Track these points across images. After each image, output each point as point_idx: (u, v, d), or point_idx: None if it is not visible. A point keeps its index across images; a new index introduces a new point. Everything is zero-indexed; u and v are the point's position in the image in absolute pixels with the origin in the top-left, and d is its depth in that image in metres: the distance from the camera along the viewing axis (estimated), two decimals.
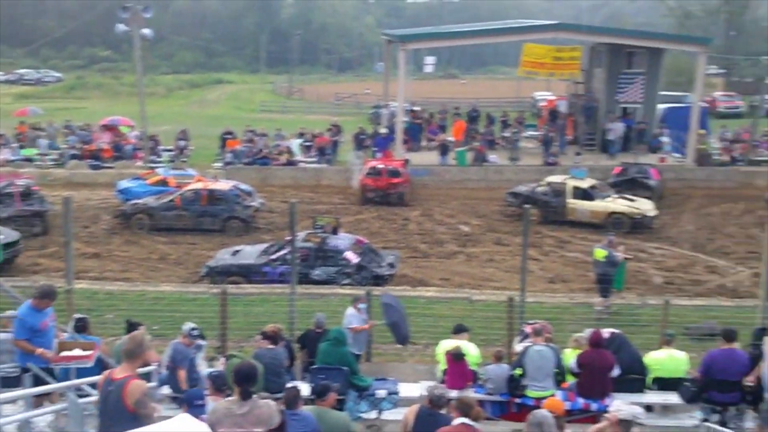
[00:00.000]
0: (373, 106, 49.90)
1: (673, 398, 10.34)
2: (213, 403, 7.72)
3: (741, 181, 30.42)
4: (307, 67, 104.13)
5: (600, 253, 16.16)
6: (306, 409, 7.52)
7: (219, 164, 31.95)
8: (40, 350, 8.79)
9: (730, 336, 9.95)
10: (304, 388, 9.63)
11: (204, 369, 10.38)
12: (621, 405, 7.26)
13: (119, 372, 6.59)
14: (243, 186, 25.52)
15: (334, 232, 18.31)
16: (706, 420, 9.47)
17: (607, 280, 16.03)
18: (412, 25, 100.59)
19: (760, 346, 9.86)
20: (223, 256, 18.67)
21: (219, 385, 7.84)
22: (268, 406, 6.47)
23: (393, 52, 38.49)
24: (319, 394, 7.77)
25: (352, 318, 11.93)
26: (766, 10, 76.48)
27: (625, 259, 16.78)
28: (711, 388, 9.73)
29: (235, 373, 6.57)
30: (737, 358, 9.70)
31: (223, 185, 24.71)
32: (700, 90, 33.35)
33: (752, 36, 74.60)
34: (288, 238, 14.97)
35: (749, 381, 9.69)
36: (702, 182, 30.45)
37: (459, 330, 11.07)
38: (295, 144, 33.68)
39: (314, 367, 10.44)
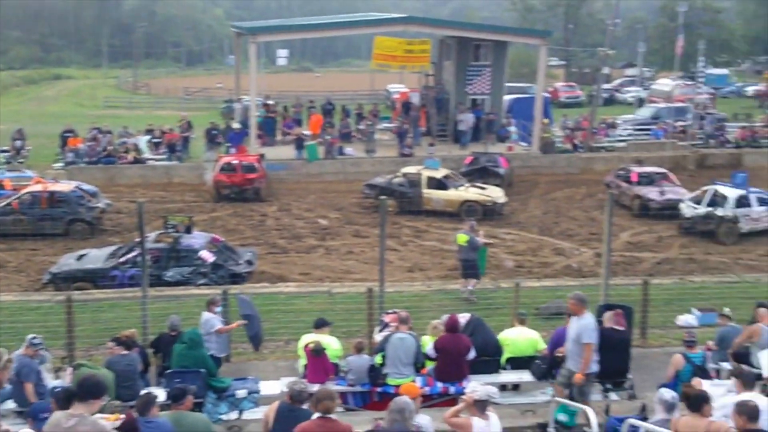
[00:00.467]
0: (226, 100, 48.88)
1: (525, 376, 10.72)
2: None
3: (582, 167, 32.16)
4: (153, 61, 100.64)
5: (462, 238, 16.63)
6: (163, 415, 7.26)
7: (60, 164, 30.21)
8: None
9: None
10: (160, 394, 9.30)
11: (50, 381, 9.81)
12: (476, 386, 7.46)
13: None
14: (86, 186, 24.29)
15: (188, 231, 17.73)
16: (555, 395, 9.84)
17: (470, 264, 16.52)
18: (262, 17, 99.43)
19: (602, 322, 10.39)
20: (68, 261, 17.68)
21: (60, 399, 7.43)
22: (94, 424, 6.16)
23: (244, 45, 37.81)
24: (175, 398, 7.53)
25: (213, 321, 11.54)
26: (602, 4, 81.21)
27: (485, 244, 17.28)
28: (559, 364, 10.14)
29: (78, 387, 6.18)
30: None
31: (65, 186, 23.40)
32: (542, 81, 34.92)
33: (589, 29, 79.10)
34: (138, 239, 14.32)
35: (559, 352, 10.18)
36: (547, 169, 31.94)
37: (320, 324, 11.00)
38: (142, 141, 32.42)
39: (169, 371, 10.06)
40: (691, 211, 22.85)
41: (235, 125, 33.33)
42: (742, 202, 22.38)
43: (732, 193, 22.64)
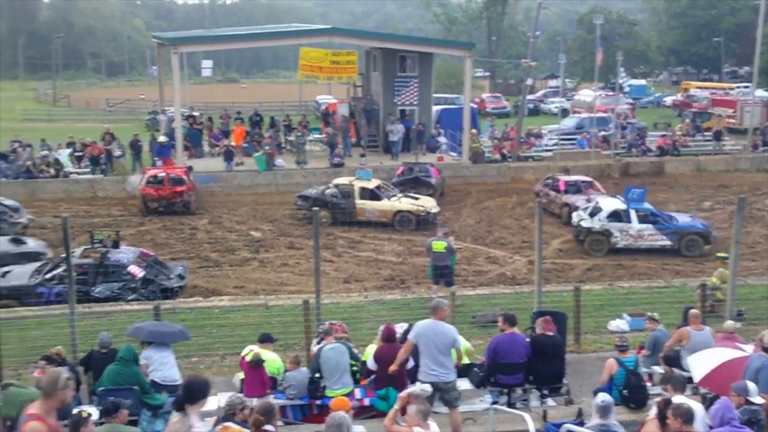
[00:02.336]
0: (150, 112, 47.98)
1: (464, 384, 10.77)
2: None
3: (512, 176, 32.70)
4: (72, 73, 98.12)
5: (440, 245, 16.77)
6: (96, 430, 7.06)
7: None
8: None
9: (511, 321, 10.55)
10: (93, 412, 9.02)
11: None
12: (410, 386, 7.50)
13: (32, 407, 6.18)
14: (7, 201, 23.41)
15: (115, 245, 17.25)
16: (495, 402, 9.93)
17: (448, 271, 16.87)
18: (184, 27, 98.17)
19: (535, 329, 10.58)
20: None
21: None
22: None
23: (166, 56, 37.16)
24: (107, 411, 7.49)
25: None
26: (523, 16, 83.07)
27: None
28: (497, 371, 10.24)
29: (185, 390, 6.31)
30: (518, 341, 10.28)
31: None
32: (468, 92, 35.42)
33: (512, 40, 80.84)
34: (63, 255, 13.85)
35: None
36: (477, 178, 32.37)
37: (264, 339, 10.82)
38: (64, 155, 31.45)
39: (102, 389, 9.74)
40: (576, 220, 23.04)
41: (161, 138, 32.67)
42: (618, 216, 22.01)
43: (608, 205, 22.59)
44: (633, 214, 21.99)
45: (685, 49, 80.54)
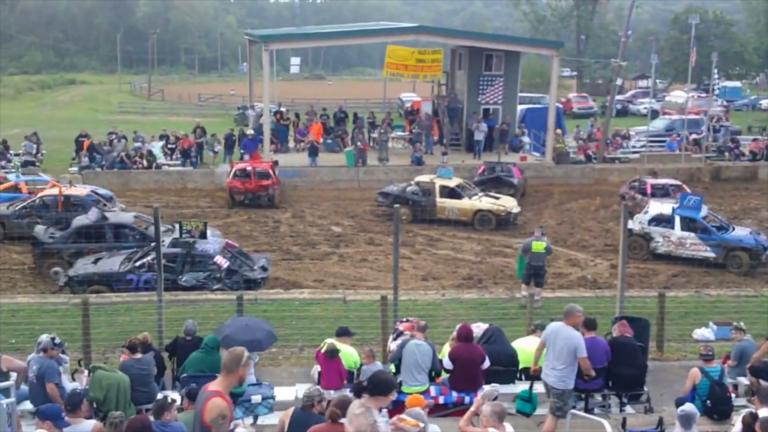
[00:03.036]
0: (239, 107, 49.08)
1: (539, 387, 10.66)
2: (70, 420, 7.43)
3: (596, 178, 32.04)
4: (166, 68, 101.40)
5: (539, 245, 16.61)
6: (180, 416, 7.33)
7: (75, 169, 30.36)
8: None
9: (590, 325, 10.39)
10: (176, 398, 9.34)
11: (67, 384, 9.84)
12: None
13: (213, 384, 6.32)
14: (102, 191, 24.39)
15: (203, 236, 17.75)
16: (573, 407, 9.80)
17: (543, 272, 16.72)
18: (275, 24, 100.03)
19: (612, 334, 10.38)
20: (84, 265, 17.72)
21: (74, 403, 7.52)
22: (374, 423, 6.14)
23: (257, 53, 38.01)
24: (193, 398, 7.61)
25: None
26: (614, 15, 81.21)
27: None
28: (576, 375, 10.09)
29: (369, 382, 6.40)
30: (599, 345, 10.11)
31: (80, 191, 23.48)
32: (555, 91, 34.87)
33: (601, 40, 79.11)
34: (153, 243, 14.38)
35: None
36: (560, 179, 31.87)
37: (342, 333, 11.00)
38: (157, 147, 32.56)
39: (185, 375, 10.07)
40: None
41: (249, 132, 33.46)
42: (663, 220, 21.23)
43: (654, 209, 21.83)
44: (677, 220, 21.02)
45: None
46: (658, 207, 21.97)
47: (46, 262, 19.09)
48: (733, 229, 21.49)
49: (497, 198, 25.29)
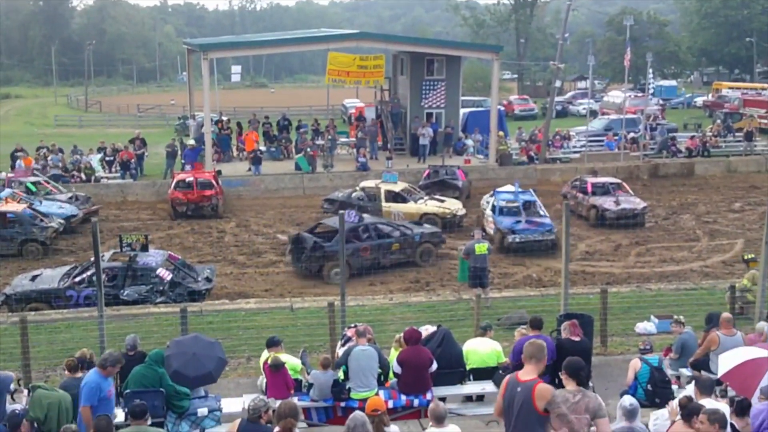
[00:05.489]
0: (180, 117, 48.44)
1: (489, 387, 10.73)
2: None
3: (539, 179, 32.49)
4: (103, 79, 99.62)
5: (482, 247, 16.73)
6: None
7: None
8: None
9: (536, 324, 10.50)
10: (119, 414, 9.12)
11: (7, 404, 9.50)
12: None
13: (522, 373, 6.77)
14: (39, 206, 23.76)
15: (144, 249, 17.42)
16: None
17: (485, 273, 16.81)
18: (214, 33, 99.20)
19: (561, 332, 10.50)
20: (21, 282, 17.24)
21: (14, 424, 7.34)
22: (596, 397, 6.81)
23: (196, 62, 37.55)
24: (135, 414, 7.57)
25: None
26: (551, 18, 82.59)
27: None
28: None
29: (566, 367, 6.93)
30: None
31: (16, 206, 22.85)
32: (496, 94, 35.27)
33: (540, 43, 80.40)
34: (92, 258, 14.05)
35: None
36: (504, 181, 31.84)
37: (271, 344, 10.72)
38: (95, 159, 31.89)
39: (128, 391, 9.83)
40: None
41: (190, 142, 33.01)
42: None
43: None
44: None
45: (717, 49, 79.49)
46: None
47: None
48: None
49: (442, 201, 25.43)
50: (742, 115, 45.24)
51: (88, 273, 16.41)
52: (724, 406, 7.79)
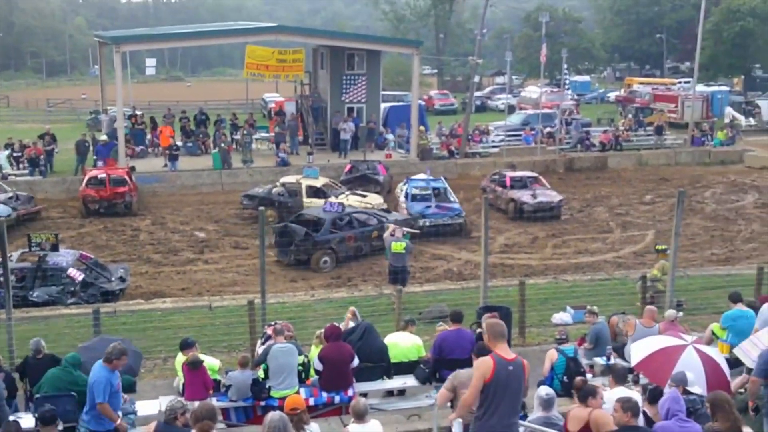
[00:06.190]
0: (92, 111, 46.99)
1: (410, 381, 10.75)
2: None
3: (459, 173, 32.85)
4: (11, 72, 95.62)
5: (399, 246, 16.62)
6: None
7: None
8: (119, 422, 8.75)
9: (456, 318, 10.56)
10: (28, 419, 8.78)
11: None
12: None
13: (503, 352, 6.82)
14: None
15: (54, 248, 16.76)
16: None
17: (405, 271, 16.81)
18: (127, 26, 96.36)
19: (481, 325, 10.59)
20: None
21: None
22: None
23: (108, 55, 36.43)
24: (46, 421, 7.40)
25: None
26: (470, 14, 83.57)
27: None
28: (443, 367, 10.21)
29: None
30: (464, 336, 10.29)
31: None
32: (416, 89, 35.46)
33: (459, 38, 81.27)
34: None
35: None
36: None
37: (185, 346, 10.49)
38: (2, 156, 30.55)
39: (39, 395, 9.44)
40: None
41: (102, 137, 31.96)
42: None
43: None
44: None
45: (629, 45, 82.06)
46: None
47: None
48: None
49: (364, 196, 25.39)
50: (652, 109, 46.84)
51: None
52: (636, 395, 8.00)
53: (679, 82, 61.52)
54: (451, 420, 7.96)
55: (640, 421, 7.32)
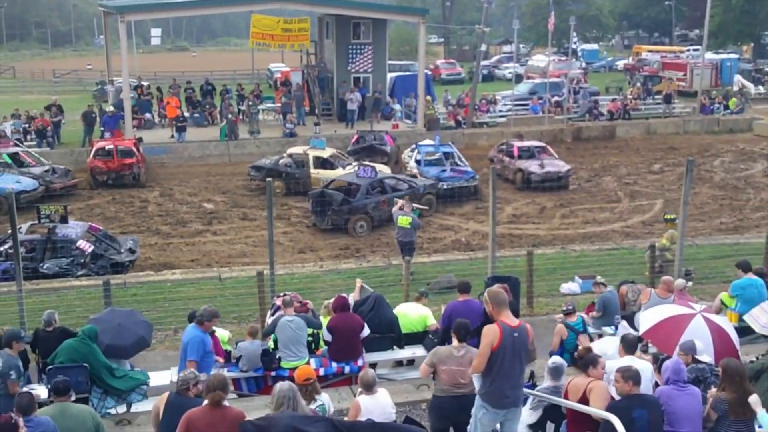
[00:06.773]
0: (98, 82, 46.86)
1: (419, 351, 10.82)
2: None
3: (466, 143, 32.65)
4: (16, 43, 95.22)
5: (405, 220, 16.51)
6: (43, 411, 7.10)
7: None
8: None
9: (464, 288, 10.57)
10: (42, 391, 8.83)
11: None
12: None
13: (507, 319, 7.07)
14: None
15: (63, 220, 16.82)
16: None
17: (412, 245, 16.66)
18: None
19: None
20: None
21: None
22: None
23: (113, 25, 36.24)
24: (57, 391, 7.37)
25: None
26: None
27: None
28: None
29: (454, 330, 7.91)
30: (473, 307, 10.30)
31: None
32: (423, 58, 35.18)
33: (466, 6, 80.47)
34: (9, 231, 13.50)
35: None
36: None
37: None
38: (8, 127, 30.53)
39: (51, 367, 9.54)
40: None
41: (109, 108, 31.91)
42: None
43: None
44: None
45: (637, 13, 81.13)
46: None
47: None
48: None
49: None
50: (661, 77, 46.42)
51: (5, 246, 15.77)
52: (646, 363, 8.02)
53: (688, 50, 60.85)
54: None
55: (648, 390, 7.36)
